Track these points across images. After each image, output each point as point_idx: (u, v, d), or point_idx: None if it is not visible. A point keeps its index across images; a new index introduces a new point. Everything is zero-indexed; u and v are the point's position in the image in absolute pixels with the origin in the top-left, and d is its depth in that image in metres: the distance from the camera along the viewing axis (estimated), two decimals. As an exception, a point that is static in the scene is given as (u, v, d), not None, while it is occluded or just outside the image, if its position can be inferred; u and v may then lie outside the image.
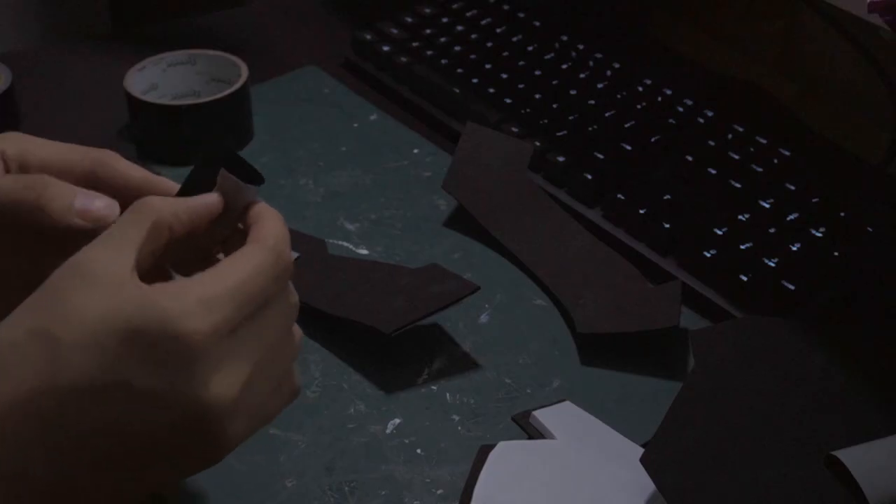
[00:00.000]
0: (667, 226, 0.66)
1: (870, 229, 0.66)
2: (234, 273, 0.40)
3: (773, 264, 0.63)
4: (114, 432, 0.38)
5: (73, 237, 0.43)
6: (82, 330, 0.37)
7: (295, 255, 0.63)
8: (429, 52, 0.83)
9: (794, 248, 0.64)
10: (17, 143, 0.46)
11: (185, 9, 1.00)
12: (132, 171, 0.46)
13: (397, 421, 0.56)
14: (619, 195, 0.68)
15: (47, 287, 0.39)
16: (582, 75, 0.81)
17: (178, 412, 0.38)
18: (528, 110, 0.76)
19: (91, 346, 0.37)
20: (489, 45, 0.84)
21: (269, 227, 0.42)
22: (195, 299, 0.38)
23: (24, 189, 0.44)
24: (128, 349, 0.37)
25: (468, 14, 0.89)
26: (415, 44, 0.84)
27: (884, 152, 0.75)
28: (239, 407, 0.40)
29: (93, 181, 0.46)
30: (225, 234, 0.45)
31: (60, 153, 0.47)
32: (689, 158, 0.71)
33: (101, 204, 0.44)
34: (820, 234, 0.65)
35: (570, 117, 0.76)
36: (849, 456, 0.48)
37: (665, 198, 0.68)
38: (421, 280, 0.61)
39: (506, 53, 0.83)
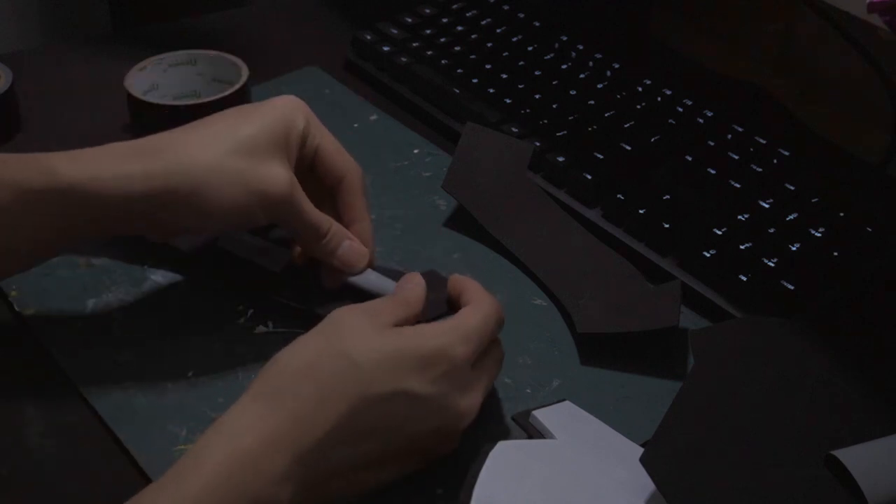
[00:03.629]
0: (667, 226, 0.66)
1: (870, 229, 0.66)
2: (476, 316, 0.52)
3: (772, 264, 0.63)
4: (390, 429, 0.48)
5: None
6: (377, 350, 0.48)
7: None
8: (429, 52, 0.83)
9: (794, 248, 0.64)
10: (314, 132, 0.59)
11: (185, 9, 1.00)
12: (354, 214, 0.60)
13: (397, 421, 0.56)
14: (619, 195, 0.68)
15: (335, 323, 0.50)
16: (582, 75, 0.81)
17: (440, 418, 0.50)
18: (528, 110, 0.76)
19: (384, 364, 0.48)
20: (489, 45, 0.84)
21: (483, 291, 0.55)
22: (459, 333, 0.50)
23: (317, 217, 0.57)
24: (413, 367, 0.48)
25: (468, 14, 0.89)
26: (415, 44, 0.84)
27: (884, 152, 0.75)
28: (470, 422, 0.51)
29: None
30: None
31: (333, 162, 0.60)
32: (689, 158, 0.71)
33: (357, 257, 0.59)
34: (819, 235, 0.65)
35: (570, 117, 0.76)
36: (848, 456, 0.48)
37: (665, 198, 0.68)
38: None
39: (506, 53, 0.83)
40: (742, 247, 0.64)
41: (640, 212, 0.67)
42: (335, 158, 0.60)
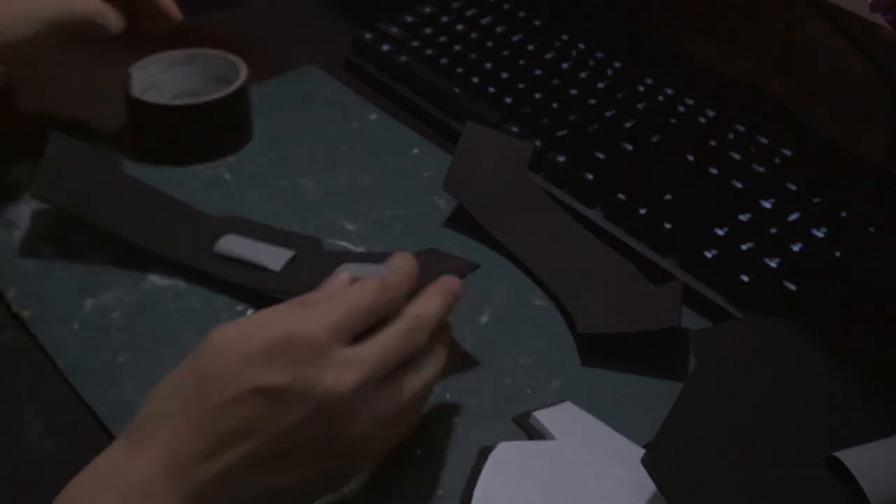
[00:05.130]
0: (667, 226, 0.65)
1: (870, 229, 0.66)
2: (350, 290, 0.49)
3: (774, 264, 0.63)
4: (252, 430, 0.45)
5: None
6: (225, 355, 0.46)
7: (291, 253, 0.64)
8: (428, 52, 0.83)
9: (795, 249, 0.64)
10: None
11: (185, 8, 0.99)
12: None
13: (397, 421, 0.56)
14: (619, 195, 0.68)
15: (207, 341, 0.47)
16: (582, 75, 0.81)
17: (305, 404, 0.45)
18: (528, 110, 0.76)
19: (229, 367, 0.45)
20: (489, 44, 0.84)
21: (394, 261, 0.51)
22: (315, 313, 0.47)
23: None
24: (260, 360, 0.45)
25: (468, 13, 0.89)
26: (414, 43, 0.84)
27: (884, 152, 0.75)
28: (358, 405, 0.46)
29: None
30: None
31: None
32: (690, 158, 0.71)
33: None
34: (821, 235, 0.65)
35: (570, 117, 0.76)
36: (850, 456, 0.48)
37: (665, 198, 0.68)
38: (421, 263, 0.60)
39: (506, 53, 0.83)
40: (743, 247, 0.64)
41: (641, 212, 0.67)
42: None
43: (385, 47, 0.84)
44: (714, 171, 0.70)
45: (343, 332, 0.47)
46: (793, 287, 0.61)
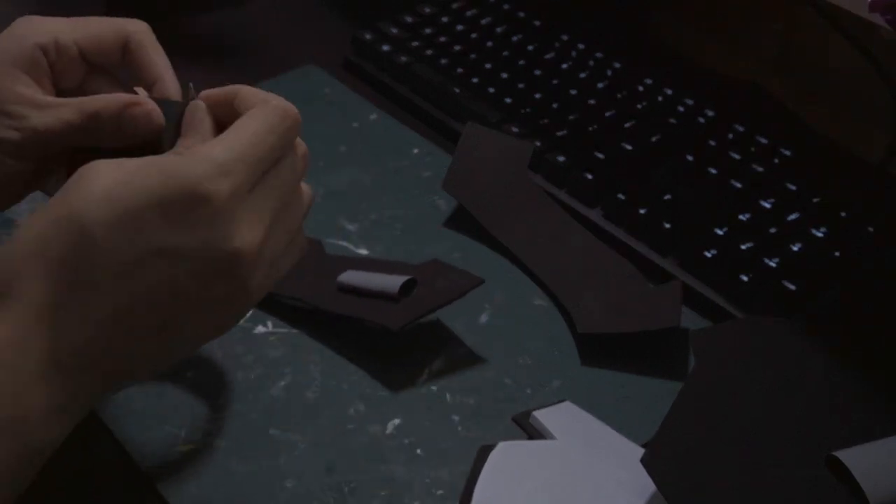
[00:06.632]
0: (667, 226, 0.66)
1: (870, 229, 0.66)
2: (246, 135, 0.43)
3: (773, 264, 0.63)
4: (152, 299, 0.41)
5: None
6: (109, 208, 0.40)
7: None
8: (428, 52, 0.83)
9: (795, 249, 0.64)
10: (46, 31, 0.50)
11: (185, 8, 1.00)
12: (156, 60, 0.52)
13: (397, 421, 0.56)
14: (619, 195, 0.68)
15: (68, 183, 0.41)
16: (582, 75, 0.81)
17: (210, 267, 0.41)
18: (528, 110, 0.76)
19: (121, 221, 0.40)
20: (489, 44, 0.84)
21: (261, 95, 0.45)
22: (214, 164, 0.41)
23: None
24: (158, 219, 0.40)
25: (468, 13, 0.89)
26: (414, 43, 0.84)
27: (884, 152, 0.75)
28: (261, 256, 0.43)
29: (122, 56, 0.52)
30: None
31: (90, 33, 0.52)
32: (689, 158, 0.71)
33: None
34: (821, 235, 0.65)
35: (570, 117, 0.76)
36: (849, 456, 0.48)
37: (665, 198, 0.68)
38: (424, 275, 0.61)
39: (506, 53, 0.83)
40: (743, 247, 0.64)
41: (641, 212, 0.67)
42: (96, 28, 0.52)
43: (385, 47, 0.84)
44: (714, 171, 0.70)
45: (245, 185, 0.42)
46: (793, 287, 0.61)
